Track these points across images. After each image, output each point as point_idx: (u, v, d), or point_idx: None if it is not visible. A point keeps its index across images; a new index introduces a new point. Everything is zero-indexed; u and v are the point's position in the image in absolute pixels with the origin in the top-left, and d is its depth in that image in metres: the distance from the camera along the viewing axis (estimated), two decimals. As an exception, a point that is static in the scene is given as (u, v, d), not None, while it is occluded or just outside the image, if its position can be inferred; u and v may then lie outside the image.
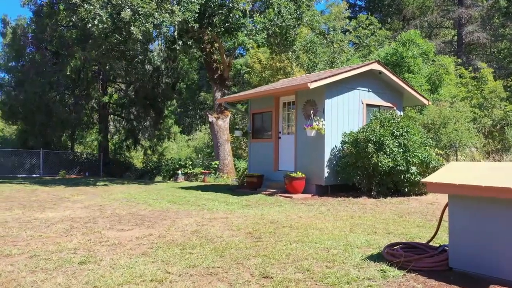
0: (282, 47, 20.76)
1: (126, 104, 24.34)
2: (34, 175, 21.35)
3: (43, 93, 20.91)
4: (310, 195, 10.27)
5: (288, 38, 20.09)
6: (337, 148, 10.55)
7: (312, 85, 9.79)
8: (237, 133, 13.38)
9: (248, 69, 28.39)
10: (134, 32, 11.94)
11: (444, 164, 10.12)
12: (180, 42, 15.87)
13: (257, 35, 17.90)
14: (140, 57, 14.26)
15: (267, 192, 10.78)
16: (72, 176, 21.93)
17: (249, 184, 11.88)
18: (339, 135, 10.59)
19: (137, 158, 29.91)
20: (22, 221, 6.52)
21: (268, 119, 12.37)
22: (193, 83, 35.19)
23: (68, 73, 19.83)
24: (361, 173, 9.78)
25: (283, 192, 10.55)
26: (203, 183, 16.25)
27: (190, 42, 16.40)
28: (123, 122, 25.71)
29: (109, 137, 26.22)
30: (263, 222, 6.44)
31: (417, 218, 6.81)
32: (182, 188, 13.29)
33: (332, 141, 10.51)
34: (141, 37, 12.31)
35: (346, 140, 10.32)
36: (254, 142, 12.90)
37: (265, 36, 18.05)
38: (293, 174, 10.36)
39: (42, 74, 21.72)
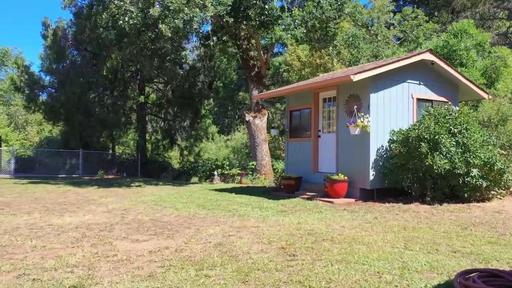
0: (322, 42, 19.74)
1: (164, 104, 24.07)
2: (74, 175, 21.46)
3: (82, 93, 20.95)
4: (353, 200, 9.24)
5: (329, 32, 19.05)
6: (384, 148, 9.45)
7: (356, 77, 8.76)
8: (273, 132, 12.49)
9: (287, 67, 27.54)
10: (163, 29, 11.34)
11: (511, 166, 8.78)
12: (215, 38, 15.25)
13: (295, 29, 16.99)
14: (172, 55, 13.67)
15: (305, 196, 9.84)
16: (110, 176, 21.87)
17: (286, 187, 10.99)
18: (386, 133, 9.47)
19: (175, 158, 29.72)
20: (35, 227, 5.98)
21: (306, 116, 11.42)
22: (232, 82, 34.73)
23: (104, 73, 19.72)
24: (412, 176, 8.65)
25: (323, 196, 9.59)
26: (239, 185, 15.52)
27: (225, 38, 15.71)
28: (160, 122, 25.50)
29: (147, 137, 26.13)
30: (299, 233, 5.54)
31: (485, 231, 5.67)
32: (216, 190, 12.60)
33: (379, 140, 9.42)
34: (170, 35, 11.70)
35: (395, 139, 9.20)
36: (292, 142, 11.99)
37: (304, 31, 17.08)
38: (335, 177, 9.36)
39: (81, 75, 21.79)
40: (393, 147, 9.18)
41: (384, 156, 9.39)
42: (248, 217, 6.95)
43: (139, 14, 11.86)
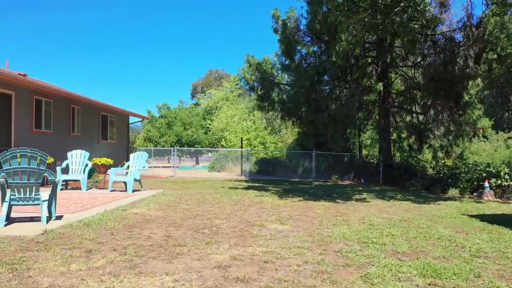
0: None
1: (410, 92, 18.86)
2: (306, 180, 19.06)
3: (311, 86, 18.34)
4: None
5: None
6: None
7: None
8: None
9: None
10: None
11: None
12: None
13: None
14: (401, 3, 8.83)
15: None
16: (346, 182, 18.43)
17: None
18: None
19: (432, 162, 23.72)
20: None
21: None
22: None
23: (334, 59, 16.39)
24: None
25: None
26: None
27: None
28: (404, 115, 20.24)
29: (394, 136, 21.39)
30: None
31: None
32: (482, 219, 7.21)
33: None
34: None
35: None
36: None
37: None
38: None
39: (312, 67, 19.27)
40: None
41: None
42: None
43: None
